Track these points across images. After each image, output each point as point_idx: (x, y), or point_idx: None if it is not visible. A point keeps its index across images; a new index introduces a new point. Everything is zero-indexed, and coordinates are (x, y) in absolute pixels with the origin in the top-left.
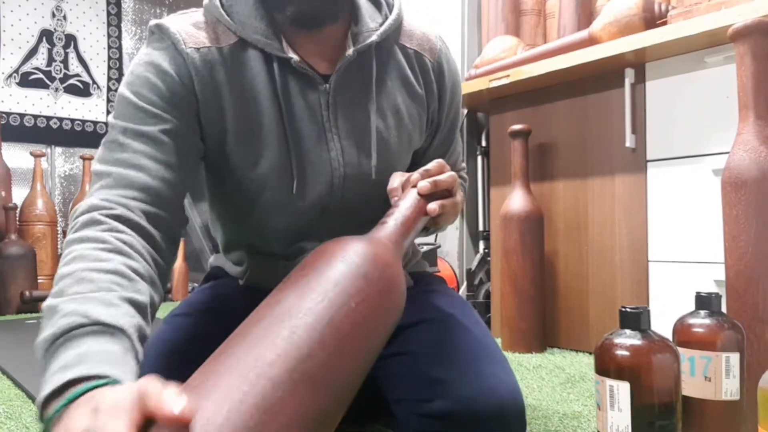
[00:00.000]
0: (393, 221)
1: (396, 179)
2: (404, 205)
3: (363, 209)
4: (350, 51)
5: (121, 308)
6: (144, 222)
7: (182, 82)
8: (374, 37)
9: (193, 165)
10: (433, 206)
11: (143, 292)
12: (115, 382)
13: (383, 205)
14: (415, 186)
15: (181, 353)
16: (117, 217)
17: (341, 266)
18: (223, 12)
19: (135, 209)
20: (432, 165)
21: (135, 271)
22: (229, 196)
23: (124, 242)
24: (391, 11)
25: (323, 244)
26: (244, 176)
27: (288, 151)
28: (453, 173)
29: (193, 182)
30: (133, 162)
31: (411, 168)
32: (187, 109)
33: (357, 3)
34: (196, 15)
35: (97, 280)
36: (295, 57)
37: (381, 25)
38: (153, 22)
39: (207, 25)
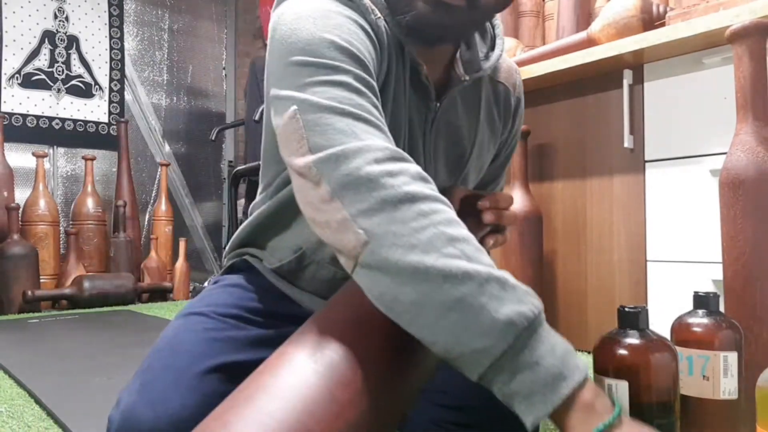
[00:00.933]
0: None
1: (457, 193)
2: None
3: None
4: (466, 77)
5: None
6: None
7: (375, 53)
8: (487, 70)
9: None
10: (490, 242)
11: None
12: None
13: None
14: (479, 210)
15: (193, 358)
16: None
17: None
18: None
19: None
20: (502, 196)
21: None
22: None
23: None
24: (493, 42)
25: None
26: None
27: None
28: (515, 212)
29: None
30: (377, 121)
31: None
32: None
33: None
34: None
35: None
36: (424, 66)
37: (486, 55)
38: None
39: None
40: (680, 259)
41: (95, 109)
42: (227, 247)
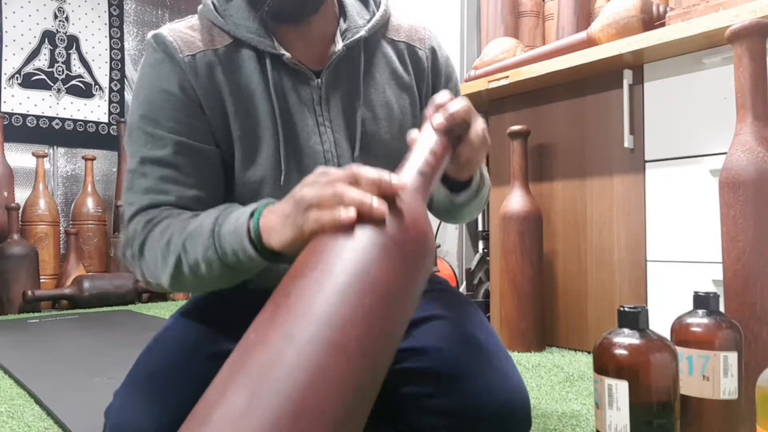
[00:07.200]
0: (415, 167)
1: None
2: (423, 146)
3: None
4: (339, 46)
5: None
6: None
7: (185, 96)
8: (362, 33)
9: (212, 174)
10: (439, 120)
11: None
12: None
13: None
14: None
15: (188, 349)
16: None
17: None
18: (217, 15)
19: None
20: (440, 95)
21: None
22: (233, 196)
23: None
24: (378, 8)
25: None
26: (244, 175)
27: (279, 146)
28: (466, 101)
29: (218, 188)
30: (158, 188)
31: None
32: (194, 121)
33: (344, 1)
34: (192, 20)
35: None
36: (287, 54)
37: (369, 21)
38: (150, 33)
39: (202, 28)
40: (680, 259)
41: (95, 109)
42: None
